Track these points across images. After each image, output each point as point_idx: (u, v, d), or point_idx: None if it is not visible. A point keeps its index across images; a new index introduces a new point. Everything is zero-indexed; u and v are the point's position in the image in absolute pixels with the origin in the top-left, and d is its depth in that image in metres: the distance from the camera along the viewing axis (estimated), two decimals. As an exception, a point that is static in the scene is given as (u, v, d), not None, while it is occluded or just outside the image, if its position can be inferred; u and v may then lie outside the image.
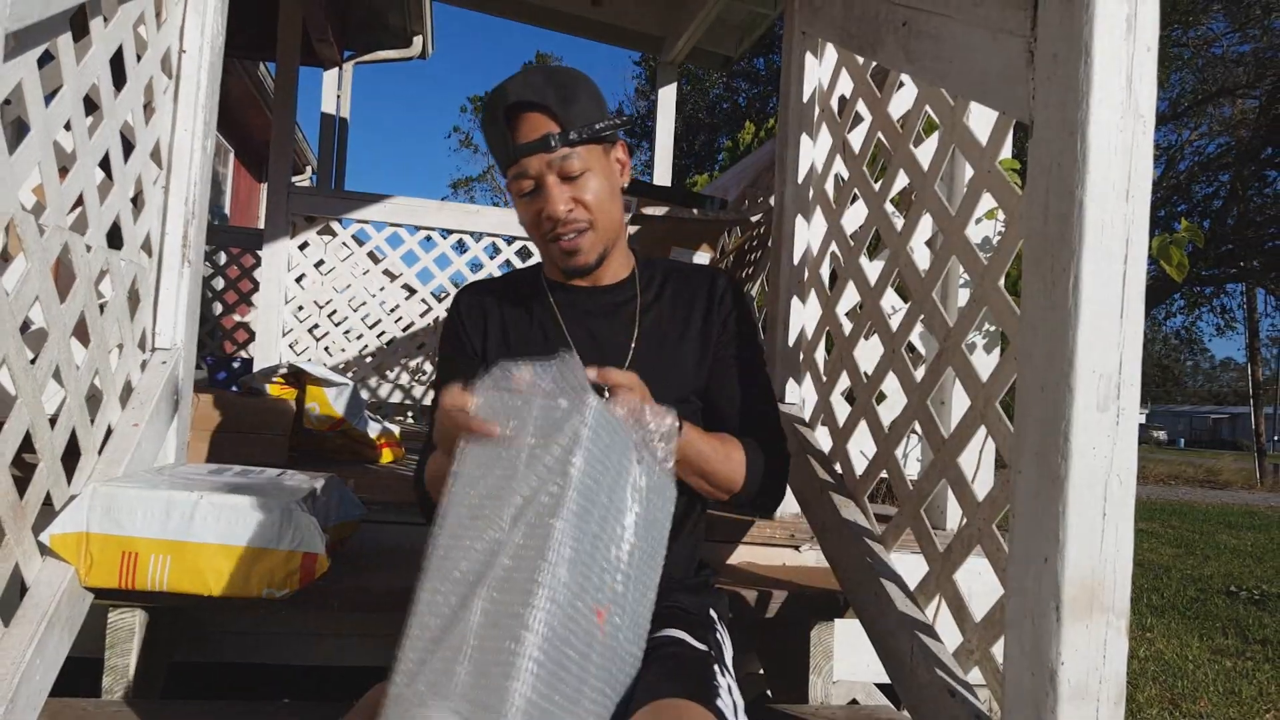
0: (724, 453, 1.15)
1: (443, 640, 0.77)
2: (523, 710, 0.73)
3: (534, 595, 0.76)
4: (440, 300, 4.19)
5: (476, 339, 1.25)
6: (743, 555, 1.84)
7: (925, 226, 1.70)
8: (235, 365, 2.93)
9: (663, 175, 4.60)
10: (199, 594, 1.27)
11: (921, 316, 1.41)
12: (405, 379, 4.21)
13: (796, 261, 1.84)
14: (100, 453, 1.40)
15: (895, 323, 1.49)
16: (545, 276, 1.27)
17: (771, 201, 2.37)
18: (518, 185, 1.14)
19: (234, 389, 2.74)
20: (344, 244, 4.06)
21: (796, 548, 1.85)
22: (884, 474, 1.50)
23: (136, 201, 1.56)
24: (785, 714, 1.45)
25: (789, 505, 1.86)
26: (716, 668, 1.06)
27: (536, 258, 2.04)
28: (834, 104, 1.80)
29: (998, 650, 1.10)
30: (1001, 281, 1.21)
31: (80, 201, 1.36)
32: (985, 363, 1.80)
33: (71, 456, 1.30)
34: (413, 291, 4.18)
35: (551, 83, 1.11)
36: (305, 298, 4.00)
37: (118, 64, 1.42)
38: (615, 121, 1.16)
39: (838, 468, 1.63)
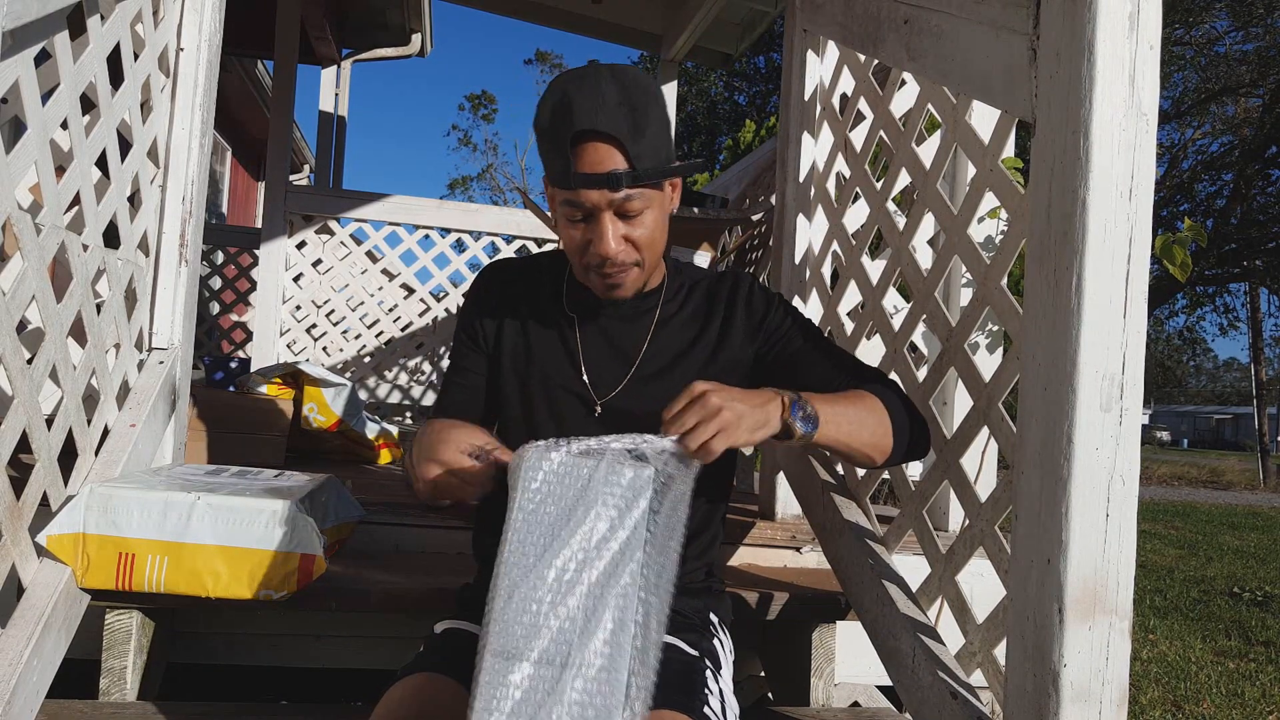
0: (852, 404, 1.07)
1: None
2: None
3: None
4: (439, 300, 4.18)
5: (490, 328, 1.21)
6: (744, 557, 1.83)
7: (927, 225, 1.69)
8: (233, 365, 2.92)
9: (663, 174, 4.58)
10: (196, 595, 1.27)
11: (924, 316, 1.40)
12: (404, 379, 4.19)
13: (798, 260, 1.83)
14: (97, 453, 1.39)
15: (897, 322, 1.48)
16: (570, 273, 1.22)
17: (773, 200, 2.36)
18: (568, 210, 1.06)
19: (231, 389, 2.73)
20: (342, 243, 4.04)
21: (798, 549, 1.85)
22: (886, 475, 1.50)
23: (134, 200, 1.56)
24: (786, 716, 1.44)
25: (790, 506, 1.86)
26: (708, 673, 1.04)
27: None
28: (835, 102, 1.79)
29: (1000, 652, 1.09)
30: (1004, 281, 1.21)
31: (77, 200, 1.36)
32: (988, 363, 1.80)
33: (68, 456, 1.30)
34: (411, 291, 4.17)
35: (625, 105, 1.01)
36: (303, 297, 3.99)
37: (115, 62, 1.41)
38: (685, 164, 1.10)
39: (839, 468, 1.62)
